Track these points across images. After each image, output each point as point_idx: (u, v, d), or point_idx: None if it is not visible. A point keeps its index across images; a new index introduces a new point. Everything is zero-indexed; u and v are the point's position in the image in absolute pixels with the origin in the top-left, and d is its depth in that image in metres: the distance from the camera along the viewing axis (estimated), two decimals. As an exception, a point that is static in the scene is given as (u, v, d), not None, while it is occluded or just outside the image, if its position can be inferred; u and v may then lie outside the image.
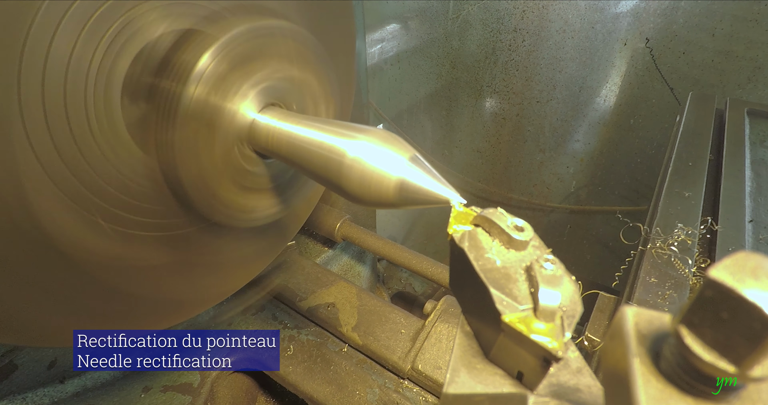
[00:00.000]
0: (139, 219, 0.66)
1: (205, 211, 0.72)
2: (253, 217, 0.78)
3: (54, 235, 0.58)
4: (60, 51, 0.52)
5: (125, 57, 0.58)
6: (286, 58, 0.73)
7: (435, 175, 0.50)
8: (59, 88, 0.53)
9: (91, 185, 0.59)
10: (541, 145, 2.78)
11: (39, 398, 1.05)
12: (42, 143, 0.53)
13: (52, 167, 0.55)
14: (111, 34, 0.56)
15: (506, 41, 2.56)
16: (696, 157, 1.28)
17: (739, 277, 0.24)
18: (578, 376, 0.41)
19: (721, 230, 1.01)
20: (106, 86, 0.57)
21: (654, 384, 0.27)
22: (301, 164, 0.62)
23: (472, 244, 0.43)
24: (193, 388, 1.19)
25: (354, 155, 0.54)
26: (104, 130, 0.59)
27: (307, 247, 1.73)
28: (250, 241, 0.90)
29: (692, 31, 2.11)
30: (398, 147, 0.54)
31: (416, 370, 1.15)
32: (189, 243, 0.77)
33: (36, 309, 0.61)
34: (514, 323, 0.37)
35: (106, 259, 0.64)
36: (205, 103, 0.63)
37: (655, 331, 0.30)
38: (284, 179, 0.82)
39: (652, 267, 0.91)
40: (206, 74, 0.62)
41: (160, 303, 0.78)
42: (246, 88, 0.67)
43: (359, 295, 1.36)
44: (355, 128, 0.57)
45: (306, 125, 0.63)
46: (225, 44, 0.63)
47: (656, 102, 2.33)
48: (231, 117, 0.67)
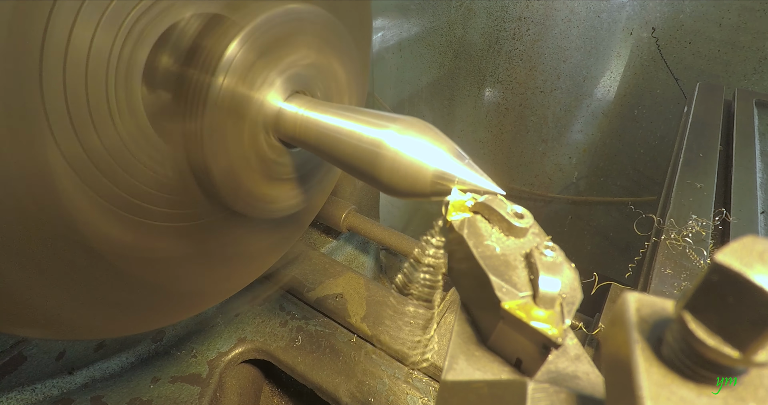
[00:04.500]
0: (161, 210, 0.65)
1: (230, 201, 0.71)
2: (275, 207, 0.77)
3: (79, 227, 0.57)
4: (80, 39, 0.50)
5: (146, 44, 0.56)
6: (313, 44, 0.71)
7: (473, 167, 0.49)
8: (80, 77, 0.51)
9: (112, 176, 0.58)
10: (544, 136, 2.77)
11: (48, 389, 1.05)
12: (65, 137, 0.52)
13: (74, 159, 0.54)
14: (131, 19, 0.54)
15: (510, 30, 2.53)
16: (707, 148, 1.27)
17: (747, 261, 0.23)
18: (576, 362, 0.41)
19: (734, 222, 1.00)
20: (126, 75, 0.55)
21: (656, 370, 0.27)
22: (330, 154, 0.61)
23: (471, 231, 0.43)
24: (201, 378, 1.18)
25: (391, 146, 0.53)
26: (125, 119, 0.57)
27: (311, 237, 1.72)
28: (267, 232, 0.89)
29: (699, 20, 2.09)
30: (436, 138, 0.52)
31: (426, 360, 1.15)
32: (209, 234, 0.75)
33: (65, 304, 0.60)
34: (514, 310, 0.37)
35: (129, 251, 0.63)
36: (233, 93, 0.62)
37: (657, 317, 0.29)
38: (307, 169, 0.80)
39: (667, 258, 0.91)
40: (234, 64, 0.60)
41: (178, 294, 0.77)
42: (273, 76, 0.65)
43: (367, 286, 1.35)
44: (387, 117, 0.56)
45: (335, 114, 0.61)
46: (252, 31, 0.61)
47: (660, 93, 2.32)
48: (258, 106, 0.65)
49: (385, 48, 3.04)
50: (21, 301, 0.56)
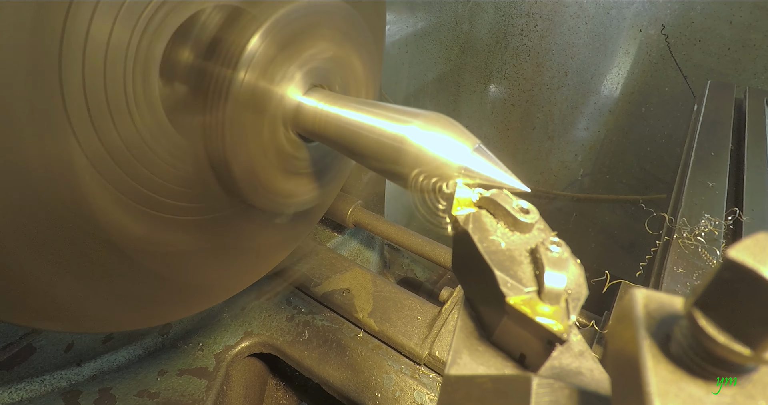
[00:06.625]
0: (178, 203, 0.65)
1: (248, 195, 0.71)
2: (292, 202, 0.76)
3: (99, 222, 0.56)
4: (99, 32, 0.49)
5: (163, 37, 0.56)
6: (333, 38, 0.70)
7: (498, 164, 0.49)
8: (99, 70, 0.50)
9: (129, 169, 0.57)
10: (550, 133, 2.76)
11: (56, 381, 1.05)
12: (84, 131, 0.51)
13: (93, 153, 0.53)
14: (149, 12, 0.53)
15: (518, 26, 2.51)
16: (718, 146, 1.27)
17: (760, 257, 0.23)
18: (580, 359, 0.41)
19: (747, 221, 1.00)
20: (144, 67, 0.55)
21: (664, 366, 0.27)
22: (350, 148, 0.60)
23: (476, 225, 0.42)
24: (208, 371, 1.18)
25: (415, 141, 0.52)
26: (143, 113, 0.56)
27: (317, 232, 1.72)
28: (279, 227, 0.89)
29: (709, 18, 2.07)
30: (461, 134, 0.52)
31: (433, 356, 1.15)
32: (223, 227, 0.75)
33: (86, 297, 0.60)
34: (519, 305, 0.36)
35: (145, 244, 0.63)
36: (255, 87, 0.61)
37: (665, 313, 0.29)
38: (323, 164, 0.80)
39: (680, 257, 0.90)
40: (256, 58, 0.60)
41: (190, 288, 0.77)
42: (293, 69, 0.64)
43: (374, 281, 1.35)
44: (410, 112, 0.55)
45: (356, 108, 0.60)
46: (273, 25, 0.60)
47: (669, 90, 2.31)
48: (278, 100, 0.65)
49: (391, 43, 3.02)
50: (44, 296, 0.56)
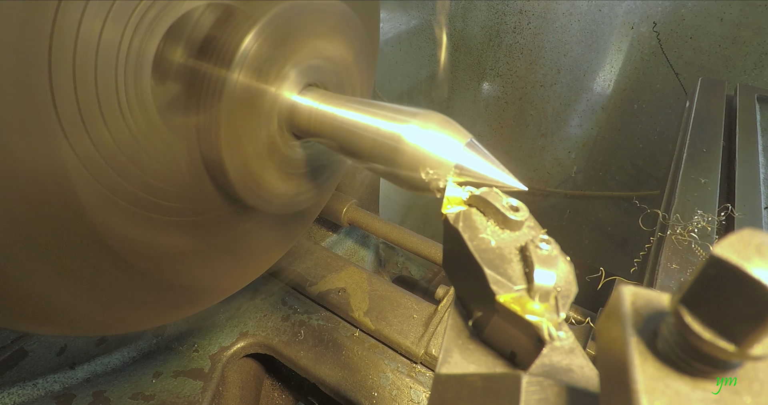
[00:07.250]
0: (171, 204, 0.64)
1: (243, 195, 0.70)
2: (287, 201, 0.76)
3: (92, 224, 0.55)
4: (89, 30, 0.48)
5: (155, 35, 0.55)
6: (327, 36, 0.69)
7: (492, 161, 0.49)
8: (90, 68, 0.49)
9: (122, 171, 0.56)
10: (543, 130, 2.77)
11: (49, 384, 1.04)
12: (75, 132, 0.50)
13: (85, 155, 0.52)
14: (140, 10, 0.52)
15: (511, 23, 2.52)
16: (710, 143, 1.28)
17: (745, 254, 0.23)
18: (570, 356, 0.41)
19: (739, 217, 1.01)
20: (136, 66, 0.54)
21: (651, 363, 0.27)
22: (346, 148, 0.60)
23: (466, 224, 0.42)
24: (204, 373, 1.18)
25: (411, 141, 0.52)
26: (135, 113, 0.55)
27: (312, 231, 1.71)
28: (274, 227, 0.88)
29: (700, 15, 2.09)
30: (455, 131, 0.51)
31: (430, 354, 1.15)
32: (217, 228, 0.75)
33: (81, 300, 0.59)
34: (509, 303, 0.37)
35: (139, 246, 0.62)
36: (249, 87, 0.61)
37: (652, 310, 0.29)
38: (318, 164, 0.79)
39: (673, 253, 0.91)
40: (250, 57, 0.59)
41: (185, 290, 0.76)
42: (287, 68, 0.64)
43: (370, 280, 1.35)
44: (406, 111, 0.55)
45: (351, 107, 0.60)
46: (267, 23, 0.59)
47: (660, 87, 2.33)
48: (273, 100, 0.64)
49: (383, 41, 3.01)
50: (37, 299, 0.55)
